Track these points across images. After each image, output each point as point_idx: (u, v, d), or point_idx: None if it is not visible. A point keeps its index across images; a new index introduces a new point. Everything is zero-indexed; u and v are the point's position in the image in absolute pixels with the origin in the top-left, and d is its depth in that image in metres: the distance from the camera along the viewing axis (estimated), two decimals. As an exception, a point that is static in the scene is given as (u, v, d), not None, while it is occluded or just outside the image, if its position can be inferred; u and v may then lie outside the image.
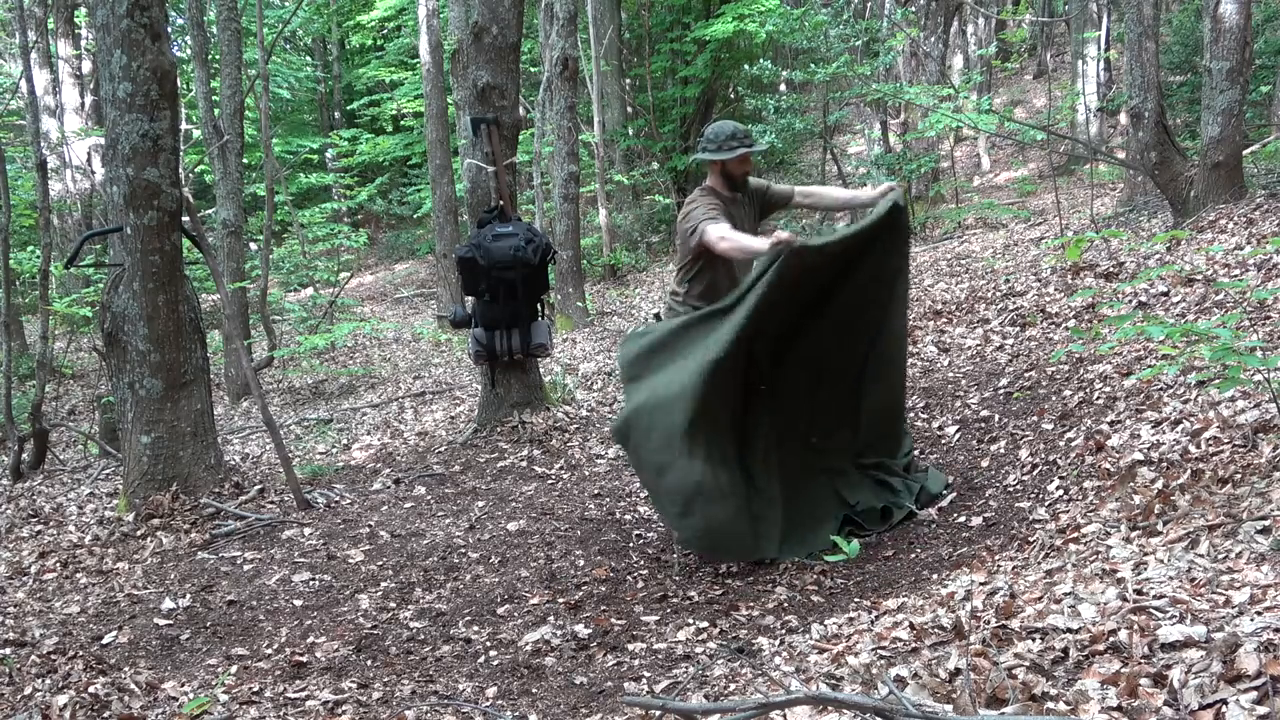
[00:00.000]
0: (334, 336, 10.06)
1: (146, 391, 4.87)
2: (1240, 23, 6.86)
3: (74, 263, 5.67)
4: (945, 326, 6.85)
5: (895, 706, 1.86)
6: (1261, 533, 2.53)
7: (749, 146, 4.10)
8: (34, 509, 5.68)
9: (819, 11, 13.06)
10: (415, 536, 4.63)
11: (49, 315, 7.72)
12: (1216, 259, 5.72)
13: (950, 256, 10.18)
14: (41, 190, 7.36)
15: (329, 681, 3.20)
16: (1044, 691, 2.02)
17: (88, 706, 2.91)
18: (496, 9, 5.99)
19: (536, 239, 5.57)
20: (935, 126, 10.75)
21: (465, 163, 6.23)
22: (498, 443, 6.01)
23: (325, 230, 14.12)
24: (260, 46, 11.80)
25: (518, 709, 2.95)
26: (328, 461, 6.77)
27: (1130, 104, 7.72)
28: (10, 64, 15.23)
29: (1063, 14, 18.55)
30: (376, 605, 3.85)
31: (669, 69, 16.48)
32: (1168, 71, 12.01)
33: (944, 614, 2.63)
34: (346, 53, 24.52)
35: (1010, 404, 5.00)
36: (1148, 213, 8.82)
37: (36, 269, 8.67)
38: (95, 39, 4.91)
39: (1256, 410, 3.47)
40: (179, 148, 4.88)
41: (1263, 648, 1.90)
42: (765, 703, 2.02)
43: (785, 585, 3.65)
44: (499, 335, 5.64)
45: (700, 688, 2.85)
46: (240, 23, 10.60)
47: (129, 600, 4.02)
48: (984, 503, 4.03)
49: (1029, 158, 16.90)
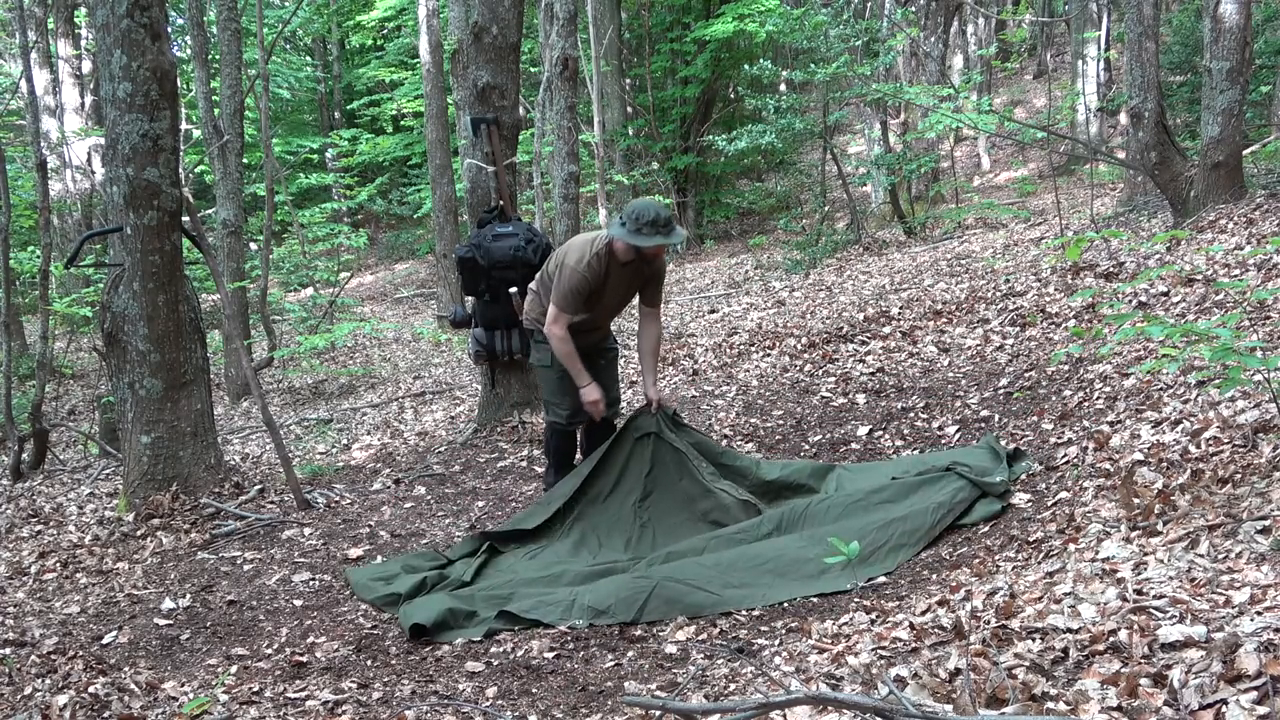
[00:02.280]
0: (334, 336, 10.05)
1: (146, 391, 4.87)
2: (1240, 23, 6.86)
3: (74, 263, 5.67)
4: (945, 326, 6.85)
5: (895, 706, 1.86)
6: (1261, 533, 2.53)
7: (667, 237, 4.02)
8: (34, 509, 5.68)
9: (819, 11, 13.05)
10: (415, 536, 4.63)
11: (49, 315, 7.71)
12: (1216, 259, 5.72)
13: (950, 256, 10.18)
14: (41, 190, 7.36)
15: (329, 681, 3.20)
16: (1044, 691, 2.02)
17: (88, 706, 2.91)
18: (496, 9, 5.99)
19: (536, 239, 5.56)
20: (935, 126, 10.74)
21: (465, 163, 6.23)
22: (498, 443, 6.01)
23: (325, 230, 14.12)
24: (260, 46, 11.80)
25: (518, 709, 2.95)
26: (328, 461, 6.77)
27: (1130, 104, 7.72)
28: (10, 64, 15.22)
29: (1063, 14, 18.55)
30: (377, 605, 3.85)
31: (669, 69, 16.48)
32: (1168, 71, 12.01)
33: (944, 614, 2.64)
34: (346, 53, 24.53)
35: (1010, 404, 5.00)
36: (1148, 213, 8.82)
37: (36, 269, 8.67)
38: (95, 39, 4.91)
39: (1256, 410, 3.47)
40: (179, 148, 4.88)
41: (1263, 648, 1.89)
42: (765, 703, 2.02)
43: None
44: (499, 335, 5.64)
45: (700, 688, 2.85)
46: (240, 23, 10.60)
47: (129, 600, 4.02)
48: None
49: (1029, 158, 16.90)
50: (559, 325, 4.16)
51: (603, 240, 4.15)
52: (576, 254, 4.13)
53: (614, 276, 4.20)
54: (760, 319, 8.98)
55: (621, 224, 4.03)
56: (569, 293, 4.11)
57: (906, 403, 5.48)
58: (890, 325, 7.23)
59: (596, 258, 4.12)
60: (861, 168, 15.06)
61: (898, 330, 7.04)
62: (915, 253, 11.14)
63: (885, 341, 6.88)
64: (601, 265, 4.13)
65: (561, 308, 4.13)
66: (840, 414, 5.64)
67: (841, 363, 6.67)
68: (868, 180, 15.51)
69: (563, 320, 4.16)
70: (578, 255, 4.13)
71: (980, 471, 3.90)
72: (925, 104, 10.89)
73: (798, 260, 12.37)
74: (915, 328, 6.98)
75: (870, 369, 6.32)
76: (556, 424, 4.53)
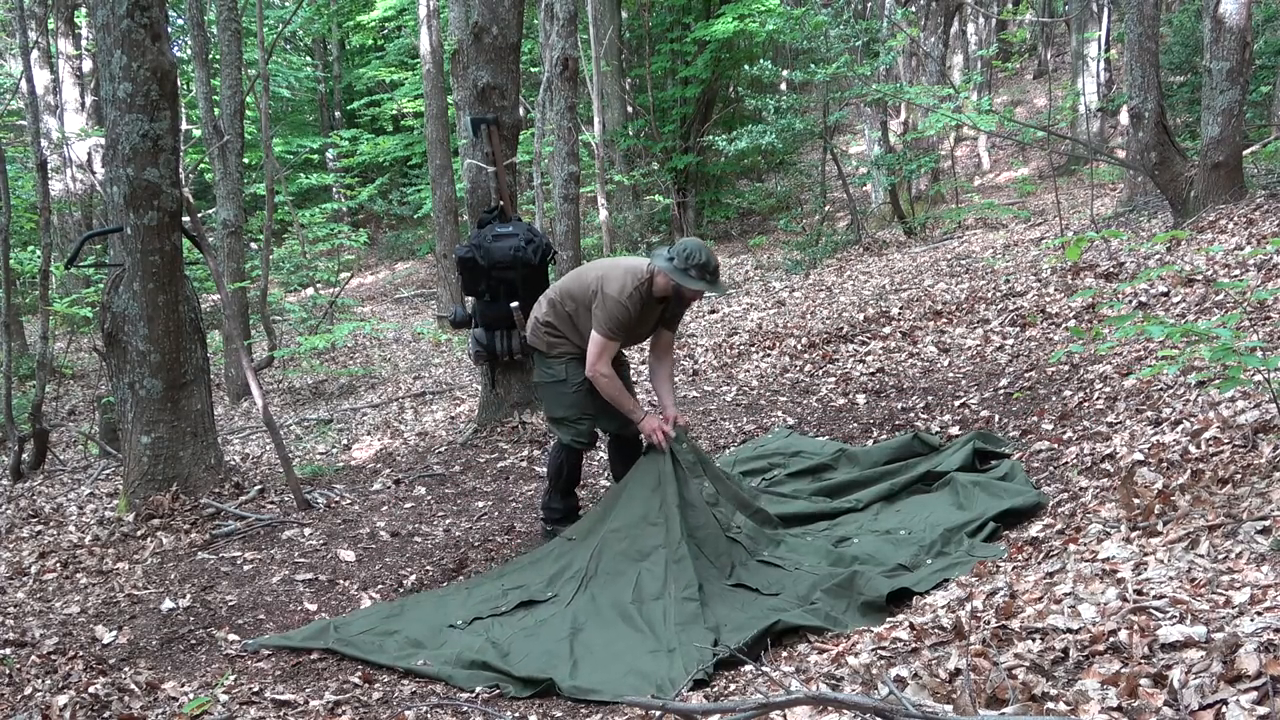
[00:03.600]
0: (334, 337, 10.05)
1: (146, 391, 4.87)
2: (1240, 23, 6.86)
3: (74, 263, 5.66)
4: (945, 326, 6.85)
5: (895, 706, 1.86)
6: (1261, 533, 2.53)
7: (712, 286, 3.89)
8: (34, 509, 5.68)
9: (819, 11, 13.05)
10: (416, 536, 4.63)
11: (49, 315, 7.71)
12: (1216, 259, 5.72)
13: (950, 256, 10.18)
14: (42, 190, 7.35)
15: (329, 681, 3.20)
16: (1044, 691, 2.02)
17: (88, 706, 2.91)
18: (496, 9, 5.99)
19: (536, 239, 5.56)
20: (935, 126, 10.75)
21: (465, 163, 6.23)
22: (498, 443, 6.01)
23: (325, 230, 14.12)
24: (260, 46, 11.80)
25: (518, 709, 2.95)
26: (328, 462, 6.77)
27: (1130, 104, 7.71)
28: (10, 63, 15.22)
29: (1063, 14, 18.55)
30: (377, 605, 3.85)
31: (669, 69, 16.48)
32: (1168, 71, 12.00)
33: (944, 614, 2.64)
34: (347, 53, 24.53)
35: (1010, 404, 5.00)
36: (1148, 213, 8.82)
37: (36, 269, 8.67)
38: (95, 39, 4.91)
39: (1256, 410, 3.47)
40: (179, 148, 4.88)
41: (1263, 648, 1.89)
42: (765, 703, 2.02)
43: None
44: (499, 335, 5.63)
45: (700, 688, 2.85)
46: (240, 23, 10.60)
47: (129, 600, 4.02)
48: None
49: (1029, 158, 16.90)
50: (604, 361, 3.96)
51: (644, 272, 3.97)
52: (617, 285, 3.93)
53: (648, 309, 4.05)
54: (760, 319, 8.99)
55: (669, 259, 3.87)
56: (616, 324, 3.92)
57: (907, 403, 5.48)
58: (890, 325, 7.23)
59: (637, 290, 3.94)
60: (862, 168, 15.06)
61: (898, 330, 7.04)
62: (915, 253, 11.14)
63: (885, 342, 6.88)
64: (641, 297, 3.96)
65: (610, 336, 3.94)
66: (840, 414, 5.64)
67: (841, 363, 6.67)
68: (868, 180, 15.52)
69: (610, 351, 3.96)
70: (618, 286, 3.93)
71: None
72: (925, 104, 10.89)
73: (798, 260, 12.38)
74: (915, 328, 6.98)
75: (870, 369, 6.33)
76: (577, 443, 4.24)
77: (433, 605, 3.72)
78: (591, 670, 3.10)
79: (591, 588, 3.63)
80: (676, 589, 3.43)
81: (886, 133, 13.78)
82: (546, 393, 4.29)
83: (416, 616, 3.62)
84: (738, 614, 3.33)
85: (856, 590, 3.24)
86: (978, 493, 3.91)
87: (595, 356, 3.97)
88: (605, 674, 3.06)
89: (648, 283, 3.96)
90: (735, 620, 3.28)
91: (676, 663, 3.01)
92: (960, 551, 3.49)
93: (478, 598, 3.73)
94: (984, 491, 3.91)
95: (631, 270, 4.00)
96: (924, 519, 3.84)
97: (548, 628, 3.41)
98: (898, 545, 3.63)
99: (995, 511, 3.70)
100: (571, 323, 4.14)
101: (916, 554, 3.52)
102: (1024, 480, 4.00)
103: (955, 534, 3.64)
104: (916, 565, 3.44)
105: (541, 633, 3.39)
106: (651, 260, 3.97)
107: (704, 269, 3.84)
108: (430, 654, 3.31)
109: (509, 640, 3.34)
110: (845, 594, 3.25)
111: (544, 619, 3.49)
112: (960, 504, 3.90)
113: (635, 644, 3.22)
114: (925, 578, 3.29)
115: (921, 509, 3.99)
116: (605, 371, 3.98)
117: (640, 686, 2.93)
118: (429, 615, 3.62)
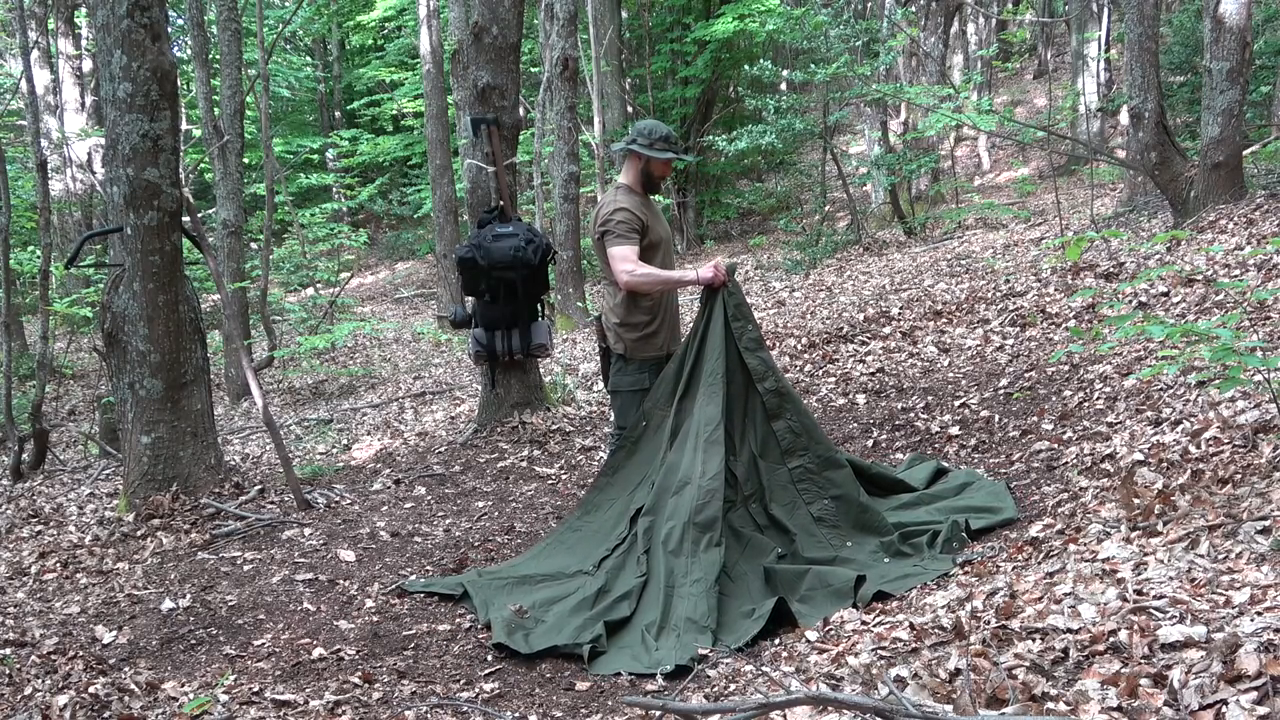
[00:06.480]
0: (334, 337, 10.06)
1: (146, 391, 4.87)
2: (1240, 23, 6.86)
3: (74, 263, 5.66)
4: (945, 326, 6.85)
5: (895, 706, 1.86)
6: (1261, 533, 2.53)
7: (678, 153, 4.00)
8: (34, 509, 5.68)
9: (819, 11, 13.06)
10: (416, 537, 4.63)
11: (49, 315, 7.71)
12: (1216, 259, 5.72)
13: (950, 256, 10.18)
14: (42, 190, 7.36)
15: (329, 681, 3.20)
16: (1044, 691, 2.02)
17: (88, 706, 2.91)
18: (496, 9, 5.99)
19: (536, 239, 5.56)
20: (935, 126, 10.75)
21: (465, 163, 6.23)
22: (498, 443, 6.01)
23: (325, 230, 14.13)
24: (260, 46, 11.80)
25: (517, 709, 2.95)
26: (328, 462, 6.77)
27: (1130, 104, 7.71)
28: (10, 63, 15.22)
29: (1063, 14, 18.54)
30: (377, 605, 3.85)
31: (669, 69, 16.49)
32: (1168, 71, 12.01)
33: (944, 614, 2.63)
34: (347, 53, 24.55)
35: (1010, 404, 5.00)
36: (1148, 213, 8.82)
37: (36, 269, 8.67)
38: (95, 39, 4.91)
39: (1256, 410, 3.47)
40: (179, 148, 4.88)
41: (1263, 648, 1.89)
42: (765, 703, 2.02)
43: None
44: (499, 335, 5.63)
45: (700, 688, 2.85)
46: (240, 23, 10.60)
47: (129, 600, 4.02)
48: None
49: (1029, 158, 16.90)
50: (629, 263, 3.81)
51: (616, 183, 4.07)
52: (609, 206, 3.92)
53: (647, 205, 4.00)
54: (760, 319, 8.99)
55: (632, 142, 3.96)
56: (622, 226, 3.84)
57: (907, 403, 5.48)
58: (890, 325, 7.23)
59: (626, 192, 3.96)
60: (862, 168, 15.06)
61: (898, 330, 7.04)
62: (915, 253, 11.14)
63: (885, 342, 6.88)
64: (629, 199, 3.93)
65: (624, 239, 3.83)
66: (840, 414, 5.64)
67: (841, 363, 6.67)
68: (868, 180, 15.52)
69: (630, 254, 3.82)
70: (610, 203, 3.93)
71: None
72: (925, 104, 10.89)
73: (798, 260, 12.38)
74: (915, 328, 6.98)
75: (870, 369, 6.33)
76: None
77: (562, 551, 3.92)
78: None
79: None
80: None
81: (886, 133, 13.78)
82: (625, 400, 4.08)
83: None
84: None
85: (824, 582, 3.36)
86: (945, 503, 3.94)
87: (619, 267, 3.83)
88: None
89: (638, 177, 4.01)
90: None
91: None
92: (923, 556, 3.50)
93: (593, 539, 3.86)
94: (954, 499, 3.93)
95: (613, 189, 4.06)
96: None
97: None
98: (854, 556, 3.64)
99: (959, 518, 3.69)
100: (633, 304, 3.98)
101: (875, 551, 3.59)
102: (990, 494, 3.95)
103: (914, 536, 3.65)
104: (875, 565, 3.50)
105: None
106: (620, 159, 4.06)
107: (667, 140, 3.97)
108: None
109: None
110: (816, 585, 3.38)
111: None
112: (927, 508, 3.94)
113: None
114: (893, 580, 3.34)
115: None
116: (636, 270, 3.82)
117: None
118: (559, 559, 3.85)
